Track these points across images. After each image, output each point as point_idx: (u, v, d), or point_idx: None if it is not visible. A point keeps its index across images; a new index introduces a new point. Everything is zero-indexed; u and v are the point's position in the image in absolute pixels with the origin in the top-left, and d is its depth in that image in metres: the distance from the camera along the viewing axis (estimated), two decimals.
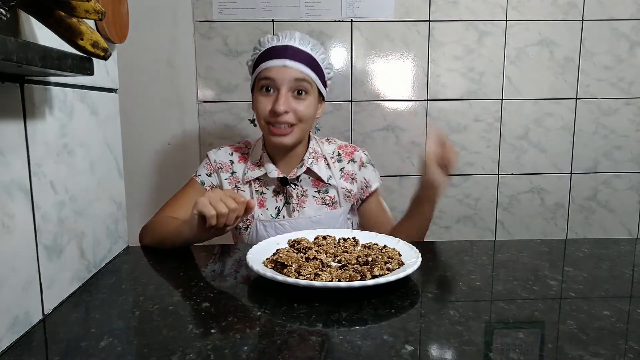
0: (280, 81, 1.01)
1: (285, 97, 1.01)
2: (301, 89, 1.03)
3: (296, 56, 1.02)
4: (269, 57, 1.03)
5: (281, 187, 1.11)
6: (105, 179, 0.86)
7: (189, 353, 0.53)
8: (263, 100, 1.04)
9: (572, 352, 0.53)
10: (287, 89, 1.01)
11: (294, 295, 0.68)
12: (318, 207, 1.11)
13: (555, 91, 1.64)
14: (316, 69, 1.05)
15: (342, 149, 1.17)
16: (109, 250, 0.87)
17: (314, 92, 1.05)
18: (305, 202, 1.11)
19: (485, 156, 1.67)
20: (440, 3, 1.58)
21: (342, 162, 1.15)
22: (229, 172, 1.13)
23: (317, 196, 1.12)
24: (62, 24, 0.57)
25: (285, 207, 1.11)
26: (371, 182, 1.15)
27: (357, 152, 1.16)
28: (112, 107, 0.91)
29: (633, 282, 0.75)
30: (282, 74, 1.01)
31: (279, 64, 1.01)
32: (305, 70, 1.02)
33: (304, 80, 1.02)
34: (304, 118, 1.04)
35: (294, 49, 1.03)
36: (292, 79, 1.01)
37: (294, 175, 1.10)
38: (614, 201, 1.72)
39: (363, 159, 1.16)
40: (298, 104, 1.03)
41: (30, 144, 0.62)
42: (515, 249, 0.93)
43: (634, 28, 1.61)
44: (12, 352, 0.55)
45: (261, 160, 1.11)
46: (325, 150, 1.16)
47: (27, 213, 0.61)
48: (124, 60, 1.10)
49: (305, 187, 1.12)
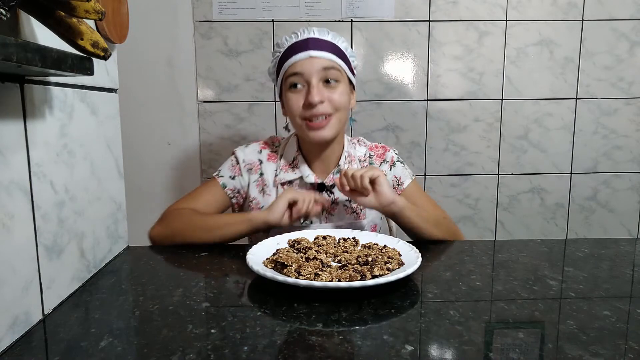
0: (308, 73, 0.98)
1: (318, 87, 0.98)
2: (331, 78, 0.99)
3: (320, 45, 0.99)
4: (292, 53, 1.00)
5: (314, 193, 1.06)
6: (105, 179, 0.86)
7: (189, 353, 0.53)
8: (294, 97, 1.00)
9: (572, 352, 0.53)
10: (318, 79, 0.98)
11: (294, 295, 0.68)
12: (347, 216, 1.08)
13: (555, 91, 1.64)
14: (341, 56, 1.02)
15: (373, 150, 1.15)
16: (109, 250, 0.87)
17: (344, 79, 1.02)
18: (335, 209, 1.08)
19: (485, 156, 1.67)
20: (440, 3, 1.58)
21: (374, 165, 1.13)
22: (258, 173, 1.09)
23: (347, 205, 1.09)
24: (62, 24, 0.57)
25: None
26: (402, 178, 1.12)
27: (388, 153, 1.14)
28: (112, 107, 0.91)
29: (633, 282, 0.75)
30: (309, 66, 0.98)
31: (304, 56, 0.98)
32: (332, 57, 0.99)
33: (332, 68, 0.99)
34: (339, 106, 1.00)
35: (315, 39, 0.99)
36: (320, 69, 0.98)
37: (331, 182, 1.06)
38: (614, 201, 1.72)
39: (394, 159, 1.13)
40: (331, 93, 0.99)
41: (30, 144, 0.62)
42: (515, 249, 0.92)
43: (634, 28, 1.61)
44: (12, 352, 0.55)
45: (295, 162, 1.07)
46: (358, 152, 1.13)
47: (27, 213, 0.61)
48: (124, 60, 1.10)
49: (337, 194, 1.08)
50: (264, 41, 1.57)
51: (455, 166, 1.68)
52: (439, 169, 1.67)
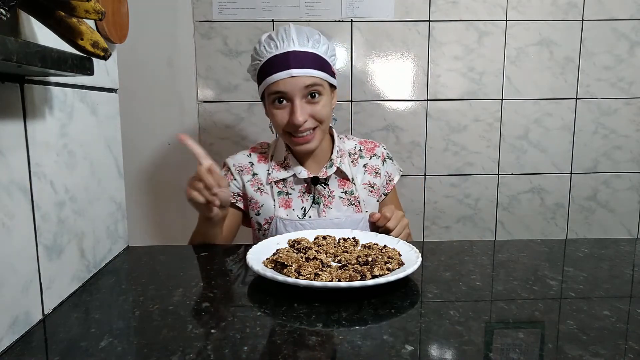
0: (291, 93, 0.99)
1: (301, 106, 0.99)
2: (314, 92, 1.00)
3: (300, 62, 0.98)
4: (272, 68, 0.99)
5: (309, 187, 1.10)
6: (105, 179, 0.86)
7: (189, 353, 0.53)
8: (278, 113, 1.02)
9: (572, 352, 0.53)
10: (300, 97, 0.99)
11: (294, 295, 0.68)
12: (345, 207, 1.10)
13: (555, 91, 1.64)
14: (323, 66, 1.02)
15: (363, 144, 1.18)
16: (109, 250, 0.87)
17: (326, 90, 1.03)
18: (332, 202, 1.10)
19: (485, 156, 1.67)
20: (440, 3, 1.58)
21: (364, 158, 1.16)
22: (250, 174, 1.11)
23: (344, 197, 1.11)
24: (62, 24, 0.57)
25: (312, 208, 1.09)
26: (393, 175, 1.19)
27: (378, 148, 1.18)
28: (112, 107, 0.91)
29: (633, 282, 0.75)
30: (291, 85, 0.98)
31: (285, 75, 0.98)
32: (313, 73, 0.99)
33: (314, 85, 1.00)
34: (322, 119, 1.02)
35: (296, 53, 0.99)
36: (302, 87, 0.99)
37: (324, 175, 1.08)
38: (614, 201, 1.72)
39: (385, 154, 1.19)
40: (314, 108, 1.01)
41: (30, 144, 0.62)
42: (515, 249, 0.93)
43: (634, 28, 1.61)
44: (12, 352, 0.55)
45: (286, 162, 1.09)
46: (347, 146, 1.17)
47: (27, 213, 0.61)
48: (124, 60, 1.10)
49: (332, 187, 1.11)
50: None
51: (455, 166, 1.68)
52: (439, 169, 1.67)
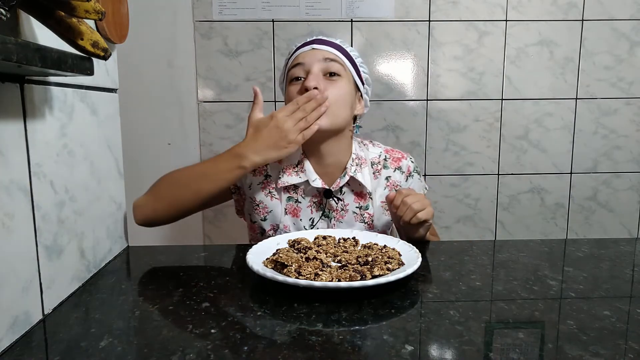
0: (309, 62, 0.97)
1: (316, 74, 0.96)
2: (333, 71, 0.97)
3: (324, 42, 1.00)
4: (296, 51, 1.01)
5: (320, 199, 1.03)
6: (105, 179, 0.86)
7: (189, 353, 0.53)
8: (293, 89, 0.98)
9: (572, 352, 0.53)
10: (318, 68, 0.97)
11: (294, 295, 0.68)
12: (357, 223, 1.04)
13: (555, 91, 1.64)
14: (346, 56, 1.01)
15: (389, 152, 1.09)
16: (109, 250, 0.87)
17: (347, 77, 0.99)
18: (344, 217, 1.04)
19: (485, 156, 1.67)
20: (440, 3, 1.58)
21: (388, 169, 1.07)
22: (262, 175, 1.04)
23: (358, 212, 1.04)
24: (62, 24, 0.57)
25: (321, 220, 1.04)
26: (417, 191, 1.04)
27: (404, 160, 1.09)
28: (112, 107, 0.91)
29: (633, 282, 0.75)
30: (310, 56, 0.98)
31: (307, 49, 0.99)
32: (335, 51, 0.99)
33: (334, 61, 0.97)
34: (336, 98, 0.96)
35: (321, 38, 1.01)
36: (321, 59, 0.97)
37: (337, 187, 1.02)
38: (614, 201, 1.72)
39: (410, 168, 1.09)
40: (329, 84, 0.96)
41: (30, 144, 0.62)
42: (515, 249, 0.92)
43: (634, 28, 1.61)
44: (12, 352, 0.55)
45: (300, 166, 1.02)
46: (370, 154, 1.08)
47: (27, 213, 0.61)
48: (124, 60, 1.10)
49: (347, 200, 1.04)
50: (264, 41, 1.57)
51: (455, 166, 1.68)
52: (439, 169, 1.67)
